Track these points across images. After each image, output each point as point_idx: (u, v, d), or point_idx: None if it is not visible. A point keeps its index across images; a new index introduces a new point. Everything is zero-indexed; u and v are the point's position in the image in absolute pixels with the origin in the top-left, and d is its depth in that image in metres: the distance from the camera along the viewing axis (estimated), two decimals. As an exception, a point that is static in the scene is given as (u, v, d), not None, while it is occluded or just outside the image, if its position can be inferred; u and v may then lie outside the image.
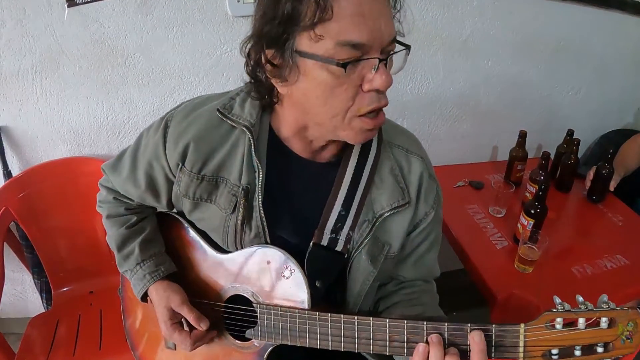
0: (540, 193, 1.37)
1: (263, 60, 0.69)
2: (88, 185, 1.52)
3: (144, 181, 0.88)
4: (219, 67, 1.51)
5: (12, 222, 1.50)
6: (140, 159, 0.88)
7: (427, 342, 0.70)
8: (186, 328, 0.88)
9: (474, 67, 1.79)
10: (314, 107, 0.70)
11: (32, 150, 1.52)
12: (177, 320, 0.87)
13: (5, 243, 1.46)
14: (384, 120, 0.73)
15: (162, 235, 0.98)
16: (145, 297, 0.92)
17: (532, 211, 1.38)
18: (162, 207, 0.95)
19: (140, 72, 1.45)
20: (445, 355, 0.68)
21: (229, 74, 1.53)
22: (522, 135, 1.71)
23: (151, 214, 0.99)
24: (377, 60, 0.64)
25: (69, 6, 1.29)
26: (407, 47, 0.69)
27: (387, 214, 0.82)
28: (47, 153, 1.53)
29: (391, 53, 0.68)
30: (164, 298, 0.87)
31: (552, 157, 1.79)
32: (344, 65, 0.63)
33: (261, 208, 0.81)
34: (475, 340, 0.67)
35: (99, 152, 1.57)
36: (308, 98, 0.69)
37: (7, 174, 1.49)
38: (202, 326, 0.85)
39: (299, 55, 0.65)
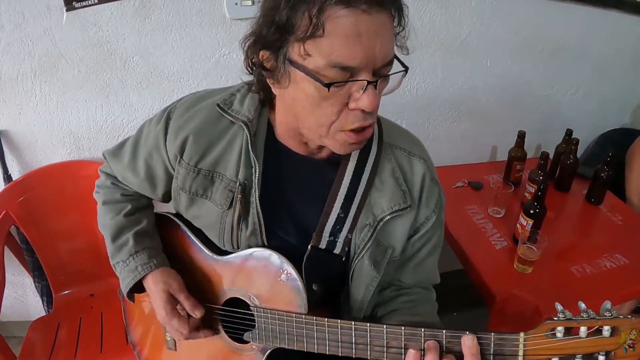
0: (540, 193, 1.37)
1: (258, 61, 0.70)
2: (88, 188, 1.51)
3: (143, 170, 0.89)
4: (218, 70, 1.51)
5: (13, 226, 1.50)
6: (141, 148, 0.89)
7: (423, 349, 0.69)
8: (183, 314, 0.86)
9: (473, 67, 1.78)
10: (301, 114, 0.71)
11: (31, 154, 1.52)
12: (174, 306, 0.86)
13: (5, 246, 1.47)
14: (369, 136, 0.73)
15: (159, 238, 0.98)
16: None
17: (531, 211, 1.38)
18: (157, 199, 0.96)
19: (139, 75, 1.45)
20: None
21: (228, 77, 1.53)
22: (521, 136, 1.71)
23: (146, 205, 0.99)
24: (366, 82, 0.64)
25: (67, 10, 1.30)
26: (405, 70, 0.67)
27: (388, 218, 0.81)
28: (47, 157, 1.53)
29: (384, 75, 0.66)
30: (161, 282, 0.86)
31: (551, 156, 1.79)
32: (327, 85, 0.63)
33: (258, 204, 0.81)
34: (466, 344, 0.66)
35: (98, 156, 1.57)
36: (297, 104, 0.70)
37: (7, 177, 1.49)
38: (197, 314, 0.85)
39: (290, 64, 0.65)
